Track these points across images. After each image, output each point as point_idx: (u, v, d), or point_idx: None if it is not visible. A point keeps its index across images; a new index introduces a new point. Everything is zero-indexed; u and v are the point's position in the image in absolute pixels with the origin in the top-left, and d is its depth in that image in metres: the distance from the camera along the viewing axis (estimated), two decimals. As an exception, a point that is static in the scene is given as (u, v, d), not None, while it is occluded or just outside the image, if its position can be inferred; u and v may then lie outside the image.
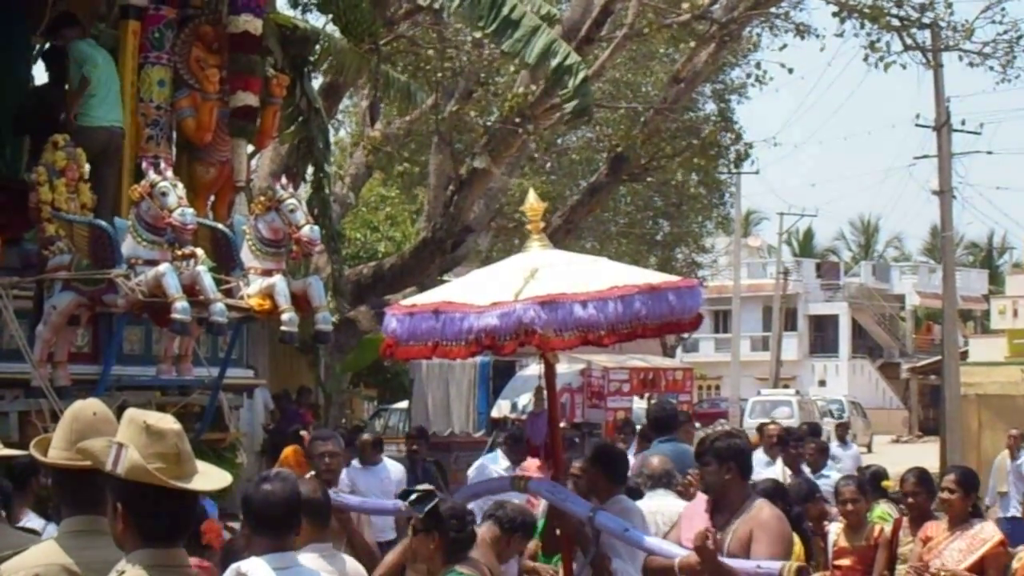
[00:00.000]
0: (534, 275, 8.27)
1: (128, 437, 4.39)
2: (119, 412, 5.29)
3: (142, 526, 4.38)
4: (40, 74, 14.99)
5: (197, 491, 4.42)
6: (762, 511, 8.16)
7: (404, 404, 32.22)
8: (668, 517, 9.67)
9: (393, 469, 13.93)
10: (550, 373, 9.00)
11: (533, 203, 8.91)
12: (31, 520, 8.79)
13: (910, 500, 10.67)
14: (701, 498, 8.69)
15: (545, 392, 9.76)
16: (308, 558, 6.51)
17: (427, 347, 8.37)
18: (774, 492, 9.96)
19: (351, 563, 7.38)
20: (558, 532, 8.90)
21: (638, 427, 18.97)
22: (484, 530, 8.39)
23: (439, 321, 8.22)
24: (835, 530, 11.43)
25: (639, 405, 32.43)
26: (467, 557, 7.53)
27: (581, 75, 15.41)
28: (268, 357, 22.40)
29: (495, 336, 8.07)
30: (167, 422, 4.46)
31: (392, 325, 8.41)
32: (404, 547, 8.25)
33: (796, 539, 9.19)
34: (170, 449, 4.39)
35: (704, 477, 8.42)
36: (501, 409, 31.34)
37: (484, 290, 8.35)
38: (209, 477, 4.50)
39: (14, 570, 5.15)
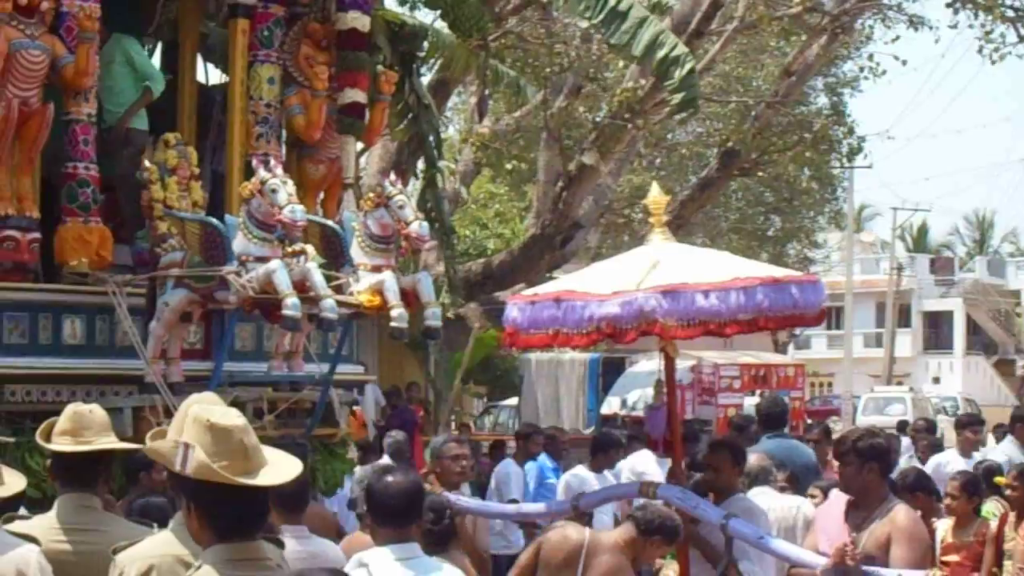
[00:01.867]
0: (656, 266, 8.24)
1: (193, 436, 4.40)
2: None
3: (214, 523, 4.41)
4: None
5: (263, 486, 4.42)
6: (899, 514, 8.07)
7: (514, 401, 32.23)
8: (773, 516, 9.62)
9: None
10: (670, 366, 8.95)
11: (656, 196, 8.89)
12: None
13: (1009, 494, 10.57)
14: (835, 500, 8.60)
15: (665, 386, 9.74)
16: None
17: (548, 335, 8.36)
18: (916, 482, 9.93)
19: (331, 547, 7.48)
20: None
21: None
22: (621, 531, 8.35)
23: (560, 309, 8.20)
24: (943, 526, 11.31)
25: (750, 401, 32.26)
26: (446, 550, 7.42)
27: (688, 66, 15.28)
28: (377, 354, 22.50)
29: (616, 325, 8.05)
30: (231, 418, 4.46)
31: (513, 314, 8.40)
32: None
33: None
34: (235, 446, 4.40)
35: (844, 476, 8.34)
36: (611, 405, 31.28)
37: (606, 279, 8.34)
38: (278, 469, 4.49)
39: (130, 560, 5.20)
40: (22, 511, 7.15)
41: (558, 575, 8.05)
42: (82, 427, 5.95)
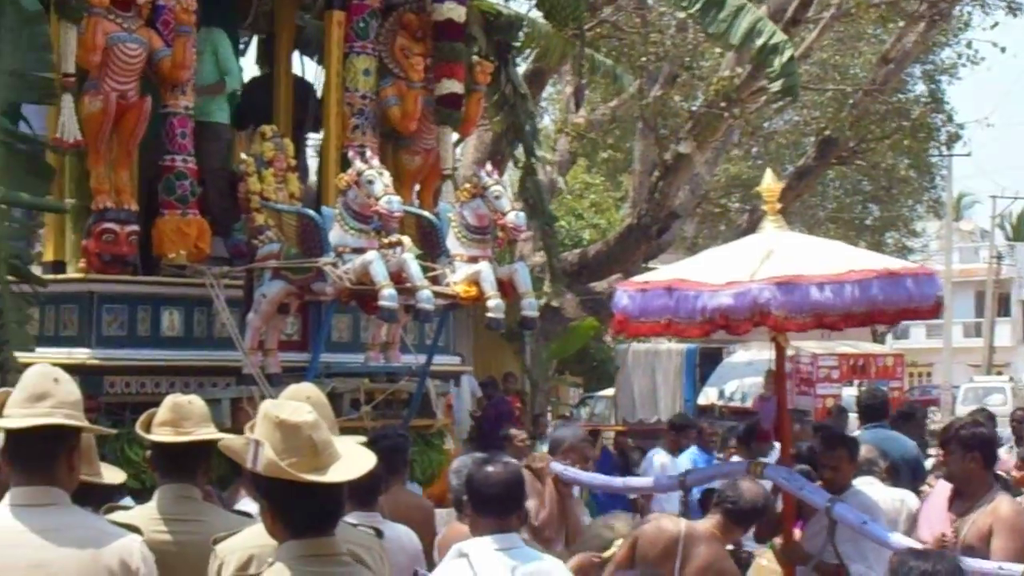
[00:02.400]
0: (769, 256, 8.14)
1: (263, 433, 4.39)
2: (329, 399, 5.32)
3: (286, 519, 4.41)
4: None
5: (333, 483, 4.39)
6: (1001, 504, 7.97)
7: (610, 391, 32.12)
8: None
9: None
10: (781, 357, 8.87)
11: (770, 184, 8.80)
12: (246, 504, 8.88)
13: None
14: (939, 489, 8.51)
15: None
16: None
17: (659, 324, 8.29)
18: None
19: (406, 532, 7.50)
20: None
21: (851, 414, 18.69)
22: (713, 519, 8.27)
23: (672, 298, 8.12)
24: None
25: (848, 392, 31.96)
26: None
27: (788, 54, 15.15)
28: (473, 344, 22.49)
29: (729, 316, 7.97)
30: (301, 414, 4.43)
31: (623, 302, 8.33)
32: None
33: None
34: (304, 442, 4.37)
35: (947, 465, 8.25)
36: (708, 396, 31.11)
37: (718, 268, 8.25)
38: (350, 464, 4.46)
39: (230, 550, 5.22)
40: (127, 501, 7.20)
41: (656, 569, 7.98)
42: (181, 418, 5.96)
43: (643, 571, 8.00)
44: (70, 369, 5.18)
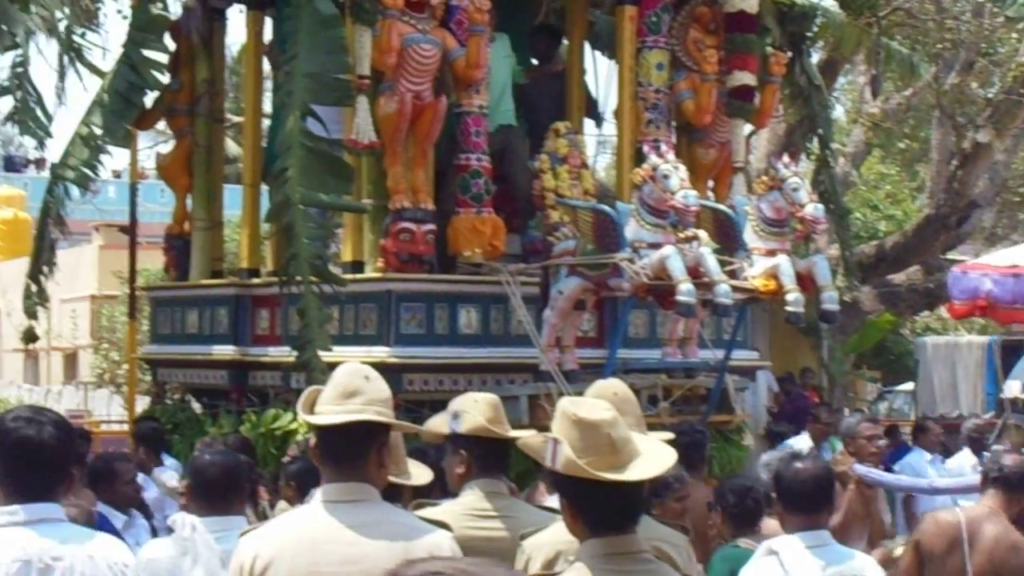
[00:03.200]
0: None
1: (561, 431, 4.31)
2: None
3: (586, 517, 4.32)
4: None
5: (629, 481, 4.29)
6: None
7: (909, 386, 31.46)
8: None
9: None
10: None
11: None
12: (551, 500, 8.87)
13: None
14: None
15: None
16: None
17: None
18: None
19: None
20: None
21: None
22: (989, 497, 7.96)
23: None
24: None
25: None
26: (753, 531, 7.29)
27: (1091, 36, 14.62)
28: (769, 338, 22.22)
29: None
30: (599, 412, 4.34)
31: (986, 286, 8.10)
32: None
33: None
34: (602, 440, 4.28)
35: None
36: (1011, 389, 30.24)
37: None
38: (649, 461, 4.36)
39: (537, 547, 5.19)
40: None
41: (945, 563, 7.71)
42: (500, 417, 5.95)
43: None
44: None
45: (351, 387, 4.74)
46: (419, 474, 6.34)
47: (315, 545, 4.60)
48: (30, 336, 15.02)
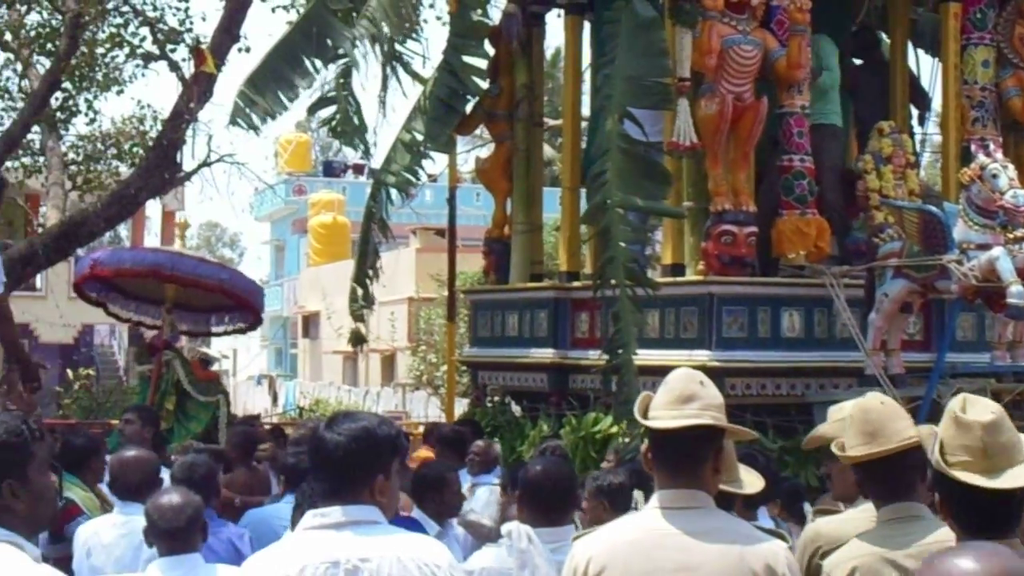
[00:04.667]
0: None
1: (942, 427, 4.20)
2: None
3: (955, 518, 4.20)
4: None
5: (1002, 489, 4.14)
6: None
7: None
8: None
9: None
10: None
11: None
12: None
13: None
14: None
15: None
16: None
17: None
18: None
19: None
20: None
21: None
22: None
23: None
24: None
25: None
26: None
27: None
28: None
29: None
30: (978, 413, 4.20)
31: None
32: None
33: None
34: (974, 442, 4.15)
35: None
36: None
37: None
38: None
39: (834, 564, 5.07)
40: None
41: None
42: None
43: None
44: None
45: (687, 392, 4.70)
46: (751, 481, 6.25)
47: (649, 551, 4.57)
48: (358, 339, 15.35)
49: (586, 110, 15.08)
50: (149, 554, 6.35)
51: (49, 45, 21.47)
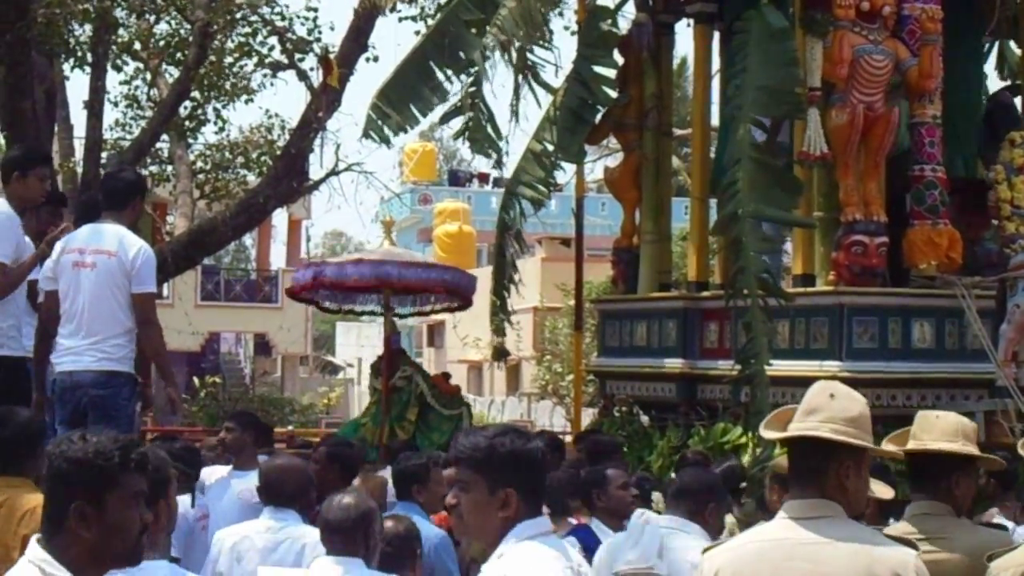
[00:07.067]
0: None
1: None
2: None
3: None
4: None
5: None
6: None
7: None
8: None
9: None
10: None
11: None
12: (997, 517, 8.66)
13: None
14: None
15: None
16: None
17: None
18: None
19: None
20: None
21: None
22: None
23: None
24: None
25: None
26: None
27: None
28: None
29: None
30: None
31: None
32: None
33: None
34: None
35: None
36: None
37: None
38: None
39: (1003, 567, 5.07)
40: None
41: None
42: (920, 430, 5.87)
43: None
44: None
45: (812, 404, 4.75)
46: (881, 491, 6.28)
47: (776, 561, 4.61)
48: (500, 353, 15.46)
49: (714, 120, 15.08)
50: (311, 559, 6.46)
51: (178, 54, 21.79)
